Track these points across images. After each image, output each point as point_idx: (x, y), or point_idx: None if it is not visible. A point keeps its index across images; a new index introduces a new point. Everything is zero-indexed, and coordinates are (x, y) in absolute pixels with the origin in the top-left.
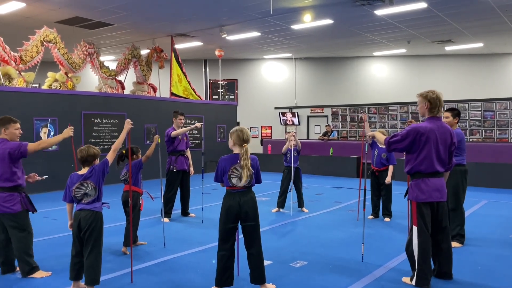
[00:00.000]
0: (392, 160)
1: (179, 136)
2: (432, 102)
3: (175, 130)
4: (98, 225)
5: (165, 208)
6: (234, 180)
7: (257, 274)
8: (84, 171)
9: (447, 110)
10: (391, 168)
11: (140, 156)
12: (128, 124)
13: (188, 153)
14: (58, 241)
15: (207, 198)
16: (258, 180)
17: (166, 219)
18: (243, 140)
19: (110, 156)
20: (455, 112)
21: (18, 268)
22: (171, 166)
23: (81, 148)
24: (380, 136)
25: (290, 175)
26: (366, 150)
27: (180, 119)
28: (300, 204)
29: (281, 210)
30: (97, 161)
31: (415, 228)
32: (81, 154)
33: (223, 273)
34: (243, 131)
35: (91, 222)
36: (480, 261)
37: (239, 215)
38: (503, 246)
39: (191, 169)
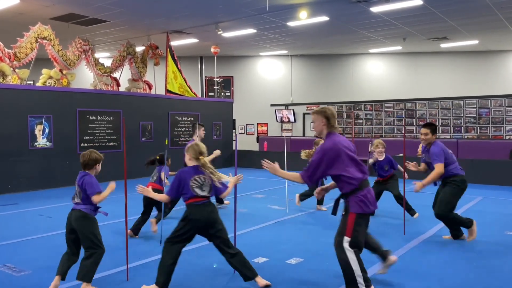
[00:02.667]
0: (395, 165)
1: None
2: (330, 118)
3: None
4: (87, 225)
5: (165, 208)
6: (197, 190)
7: (246, 270)
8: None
9: (425, 126)
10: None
11: (170, 162)
12: (113, 185)
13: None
14: (54, 239)
15: None
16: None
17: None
18: (199, 153)
19: (95, 197)
20: (433, 128)
21: None
22: None
23: (84, 153)
24: (294, 176)
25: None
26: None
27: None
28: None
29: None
30: (98, 166)
31: (347, 239)
32: (83, 159)
33: (168, 276)
34: (198, 144)
35: (79, 222)
36: (475, 258)
37: (206, 226)
38: (499, 242)
39: None
